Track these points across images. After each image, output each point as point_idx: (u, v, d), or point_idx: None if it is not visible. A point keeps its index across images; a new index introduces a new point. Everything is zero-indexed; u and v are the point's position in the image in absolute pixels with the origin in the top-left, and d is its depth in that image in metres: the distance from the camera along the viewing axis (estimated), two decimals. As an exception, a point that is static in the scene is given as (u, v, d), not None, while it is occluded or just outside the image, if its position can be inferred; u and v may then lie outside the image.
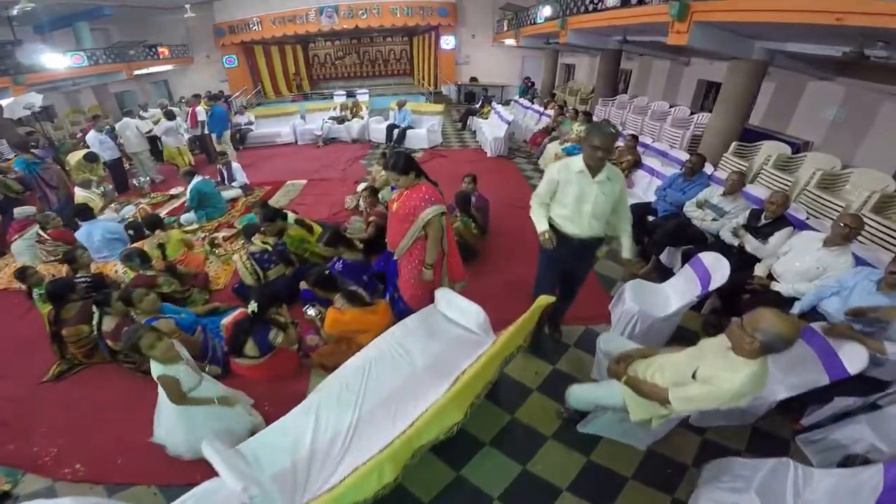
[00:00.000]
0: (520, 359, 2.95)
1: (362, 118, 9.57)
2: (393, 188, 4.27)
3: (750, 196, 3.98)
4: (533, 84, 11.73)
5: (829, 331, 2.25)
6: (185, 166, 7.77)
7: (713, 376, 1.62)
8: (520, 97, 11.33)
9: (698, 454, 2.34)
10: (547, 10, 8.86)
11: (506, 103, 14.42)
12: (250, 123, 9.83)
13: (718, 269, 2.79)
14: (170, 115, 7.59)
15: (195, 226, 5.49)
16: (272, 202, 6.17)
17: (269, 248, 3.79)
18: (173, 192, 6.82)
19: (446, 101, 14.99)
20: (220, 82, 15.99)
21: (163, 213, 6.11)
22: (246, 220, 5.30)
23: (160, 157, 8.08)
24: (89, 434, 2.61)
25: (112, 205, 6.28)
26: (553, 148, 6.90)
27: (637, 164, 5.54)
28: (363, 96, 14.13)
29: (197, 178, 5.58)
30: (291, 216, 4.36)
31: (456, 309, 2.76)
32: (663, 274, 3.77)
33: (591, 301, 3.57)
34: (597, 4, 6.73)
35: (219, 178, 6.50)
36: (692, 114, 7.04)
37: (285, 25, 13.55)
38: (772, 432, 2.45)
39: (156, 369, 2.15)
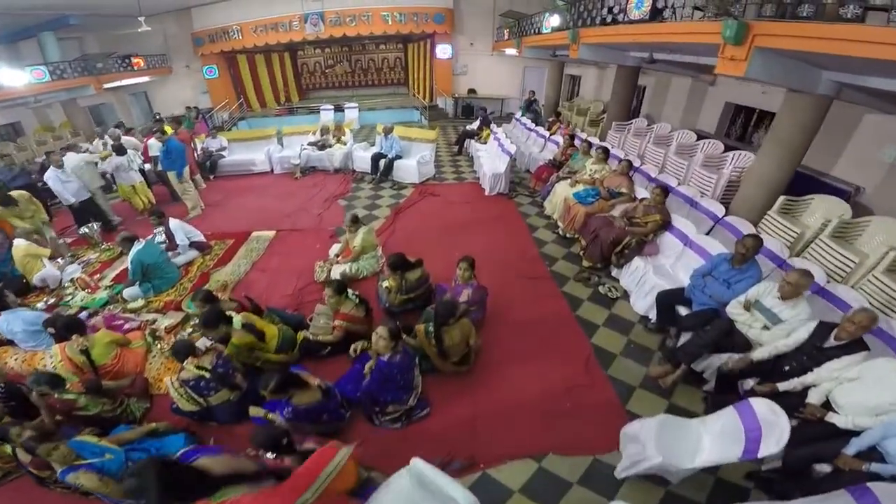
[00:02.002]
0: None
1: (345, 144, 8.52)
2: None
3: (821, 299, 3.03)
4: (535, 100, 10.63)
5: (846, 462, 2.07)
6: (142, 206, 6.83)
7: None
8: (522, 115, 10.24)
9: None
10: (554, 20, 7.81)
11: (506, 118, 13.45)
12: (223, 149, 8.80)
13: (775, 427, 2.09)
14: (119, 150, 6.55)
15: (140, 302, 4.57)
16: (232, 266, 5.22)
17: (206, 375, 2.95)
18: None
19: (442, 115, 13.95)
20: (200, 94, 14.97)
21: (111, 275, 5.19)
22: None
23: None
24: None
25: (59, 260, 5.34)
26: (563, 191, 5.86)
27: (666, 225, 4.49)
28: (352, 111, 13.27)
29: (138, 245, 4.59)
30: (238, 320, 3.43)
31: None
32: (695, 378, 3.22)
33: (602, 418, 3.00)
34: (616, 16, 5.67)
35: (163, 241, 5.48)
36: (727, 151, 5.96)
37: (267, 34, 12.52)
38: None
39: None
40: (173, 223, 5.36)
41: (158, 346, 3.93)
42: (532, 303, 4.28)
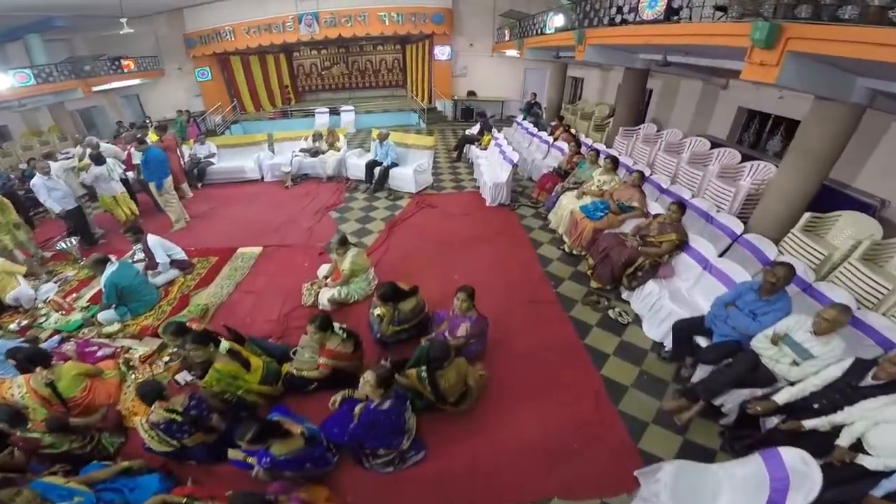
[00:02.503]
0: None
1: (339, 150, 8.14)
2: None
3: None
4: (537, 103, 10.23)
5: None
6: (125, 218, 6.45)
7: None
8: (523, 119, 9.86)
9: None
10: (558, 20, 7.42)
11: (507, 121, 13.06)
12: (211, 156, 8.41)
13: (805, 479, 1.87)
14: (98, 160, 6.16)
15: (116, 326, 4.20)
16: (215, 287, 4.85)
17: (177, 418, 2.65)
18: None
19: (441, 118, 13.57)
20: (193, 97, 14.61)
21: (88, 295, 4.81)
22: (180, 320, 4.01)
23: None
24: None
25: (34, 279, 5.02)
26: (569, 203, 5.48)
27: (682, 245, 4.11)
28: (348, 114, 12.90)
29: (111, 267, 4.24)
30: (225, 345, 3.14)
31: None
32: (712, 411, 2.94)
33: (612, 458, 2.78)
34: (626, 16, 5.29)
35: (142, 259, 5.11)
36: (744, 161, 5.57)
37: (260, 35, 12.15)
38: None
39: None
40: (152, 240, 4.97)
41: (133, 376, 3.61)
42: (537, 330, 3.93)
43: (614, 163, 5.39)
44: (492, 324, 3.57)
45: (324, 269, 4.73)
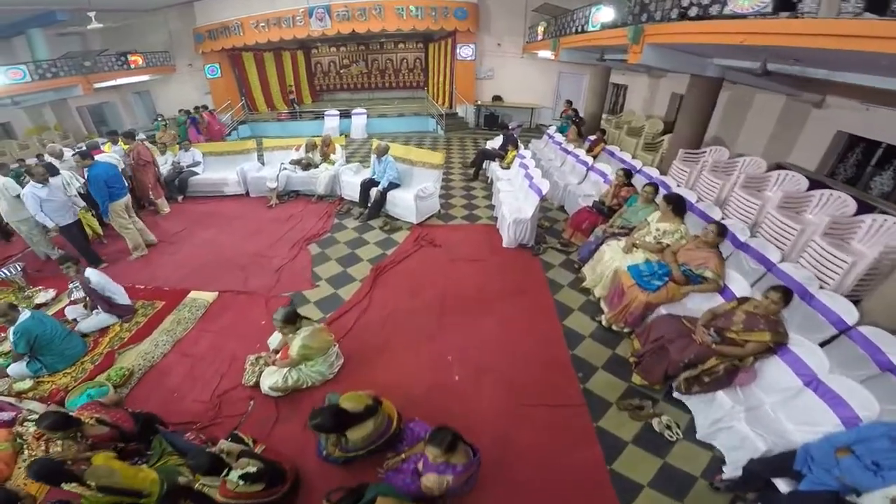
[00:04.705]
0: None
1: (333, 163, 6.96)
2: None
3: None
4: (581, 119, 8.68)
5: None
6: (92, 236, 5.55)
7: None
8: (558, 132, 8.38)
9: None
10: (605, 15, 5.96)
11: (535, 130, 11.60)
12: (195, 164, 7.41)
13: None
14: (52, 170, 5.20)
15: (29, 383, 3.46)
16: (149, 343, 3.83)
17: None
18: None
19: (461, 125, 12.24)
20: (203, 94, 13.86)
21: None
22: (81, 399, 3.12)
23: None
24: None
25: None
26: (612, 257, 4.06)
27: (778, 348, 2.67)
28: (360, 117, 11.78)
29: (24, 314, 3.44)
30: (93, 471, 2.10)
31: None
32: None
33: None
34: (708, 8, 3.82)
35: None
36: (863, 211, 3.99)
37: (269, 30, 11.19)
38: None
39: None
40: (95, 278, 3.97)
41: (27, 451, 2.83)
42: (551, 450, 2.74)
43: (679, 206, 3.91)
44: (490, 435, 2.75)
45: (275, 340, 3.54)
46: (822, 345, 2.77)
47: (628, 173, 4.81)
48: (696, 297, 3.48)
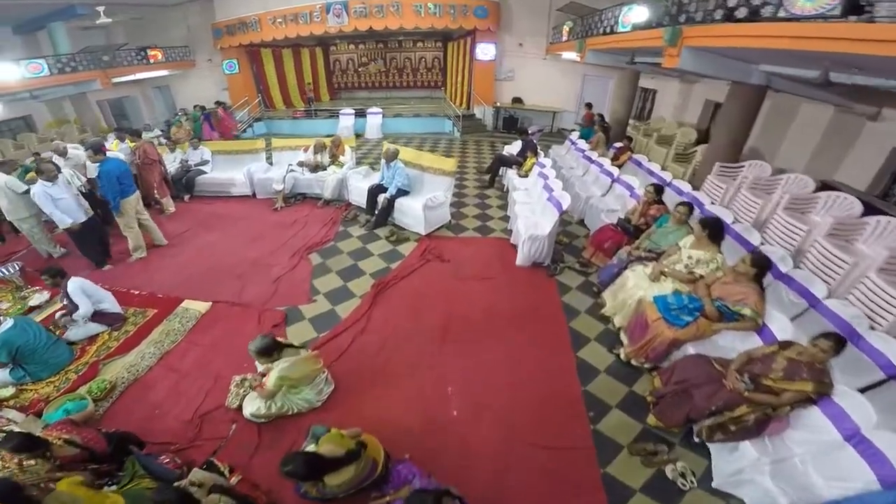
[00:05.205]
0: None
1: (342, 166, 6.67)
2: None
3: None
4: (607, 125, 8.17)
5: None
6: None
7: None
8: (580, 139, 7.91)
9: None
10: (638, 15, 5.48)
11: (557, 134, 11.12)
12: (204, 163, 7.25)
13: None
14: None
15: (11, 391, 3.32)
16: (135, 355, 3.61)
17: None
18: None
19: (478, 127, 11.84)
20: (221, 90, 13.83)
21: None
22: (60, 411, 2.95)
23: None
24: None
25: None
26: (637, 284, 3.64)
27: (819, 398, 2.25)
28: (375, 117, 11.52)
29: (7, 324, 3.32)
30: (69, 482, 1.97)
31: None
32: None
33: None
34: (757, 9, 3.36)
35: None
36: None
37: (286, 26, 10.99)
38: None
39: None
40: (73, 286, 3.78)
41: (1, 462, 2.58)
42: (550, 499, 2.45)
43: (716, 232, 3.46)
44: (484, 480, 2.51)
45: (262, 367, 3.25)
46: (865, 389, 2.49)
47: (659, 189, 4.35)
48: (728, 334, 3.07)
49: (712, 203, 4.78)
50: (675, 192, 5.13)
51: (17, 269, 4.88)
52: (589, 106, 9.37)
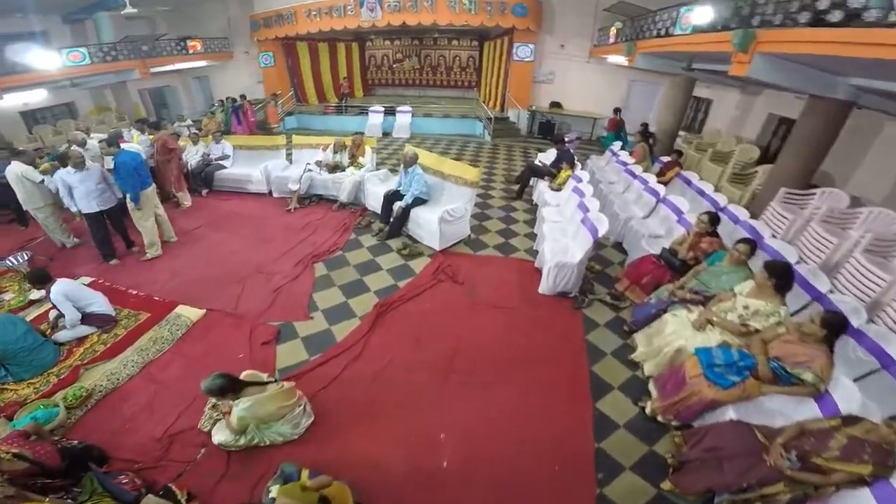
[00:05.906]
0: None
1: (361, 167, 6.33)
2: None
3: None
4: (645, 127, 7.47)
5: None
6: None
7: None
8: (622, 149, 7.24)
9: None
10: (701, 16, 4.80)
11: (596, 142, 10.39)
12: (224, 158, 7.11)
13: None
14: (62, 160, 4.96)
15: None
16: (118, 362, 3.38)
17: None
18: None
19: (511, 131, 11.26)
20: (256, 83, 13.91)
21: None
22: (27, 419, 2.77)
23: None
24: None
25: None
26: (677, 331, 3.07)
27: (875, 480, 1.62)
28: (405, 116, 11.19)
29: None
30: None
31: None
32: None
33: None
34: (857, 14, 2.70)
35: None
36: None
37: (321, 19, 10.84)
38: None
39: None
40: (56, 293, 3.59)
41: None
42: None
43: (784, 281, 2.82)
44: None
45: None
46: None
47: (714, 219, 3.70)
48: (778, 396, 2.50)
49: (773, 236, 4.07)
50: (730, 219, 4.44)
51: (26, 258, 4.82)
52: (617, 111, 8.60)
